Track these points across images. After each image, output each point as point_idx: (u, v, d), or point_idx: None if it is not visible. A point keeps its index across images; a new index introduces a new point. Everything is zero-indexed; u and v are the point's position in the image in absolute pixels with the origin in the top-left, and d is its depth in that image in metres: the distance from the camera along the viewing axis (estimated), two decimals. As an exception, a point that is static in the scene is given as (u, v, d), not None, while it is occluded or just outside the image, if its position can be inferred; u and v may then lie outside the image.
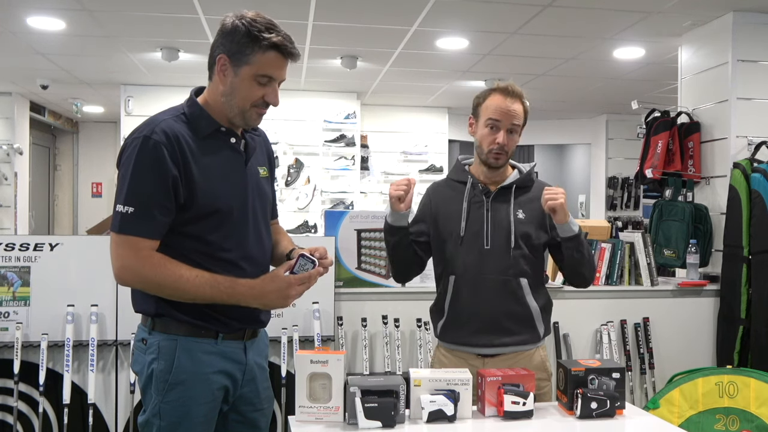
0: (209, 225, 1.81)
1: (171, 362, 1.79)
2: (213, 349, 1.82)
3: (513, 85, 2.29)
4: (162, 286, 1.76)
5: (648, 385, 3.81)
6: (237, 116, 1.84)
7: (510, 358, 2.26)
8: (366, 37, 4.94)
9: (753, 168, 3.81)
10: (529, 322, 2.28)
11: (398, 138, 7.82)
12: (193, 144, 1.79)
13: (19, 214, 7.60)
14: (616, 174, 8.35)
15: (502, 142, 2.25)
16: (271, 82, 1.82)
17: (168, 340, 1.80)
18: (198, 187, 1.77)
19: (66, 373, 3.20)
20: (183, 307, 1.79)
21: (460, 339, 2.30)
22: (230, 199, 1.84)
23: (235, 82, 1.80)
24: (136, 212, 1.72)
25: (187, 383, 1.79)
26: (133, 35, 5.02)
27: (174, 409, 1.79)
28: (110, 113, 8.50)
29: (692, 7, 4.05)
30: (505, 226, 2.27)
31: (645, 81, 6.16)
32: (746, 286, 3.77)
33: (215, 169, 1.82)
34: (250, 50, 1.77)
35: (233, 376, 1.87)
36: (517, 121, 2.27)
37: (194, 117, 1.83)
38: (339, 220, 3.59)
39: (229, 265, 1.82)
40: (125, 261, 1.74)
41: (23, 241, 3.22)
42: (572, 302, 3.74)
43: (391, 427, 1.82)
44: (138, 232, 1.73)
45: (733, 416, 3.24)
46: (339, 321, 3.49)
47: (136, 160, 1.73)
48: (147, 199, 1.73)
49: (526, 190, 2.34)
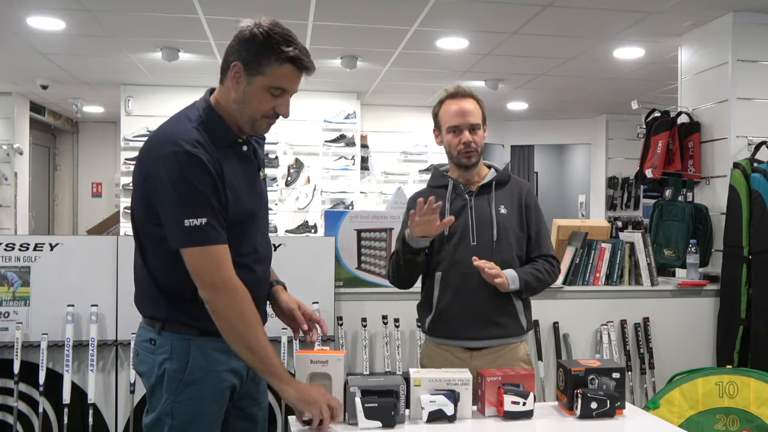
0: (234, 232, 1.80)
1: (185, 361, 1.79)
2: (224, 347, 1.80)
3: (460, 87, 2.40)
4: (238, 311, 1.75)
5: (648, 385, 3.81)
6: (246, 124, 1.83)
7: (496, 351, 2.34)
8: (366, 37, 4.94)
9: (753, 168, 3.80)
10: (514, 314, 2.36)
11: (398, 138, 7.81)
12: (217, 155, 1.77)
13: (19, 214, 7.60)
14: (616, 174, 8.34)
15: (467, 141, 2.34)
16: (284, 94, 1.81)
17: (181, 339, 1.80)
18: (229, 198, 1.77)
19: (66, 373, 3.20)
20: (194, 312, 1.78)
21: (448, 333, 2.37)
22: (253, 207, 1.87)
23: (247, 90, 1.78)
24: (208, 221, 1.71)
25: (201, 381, 1.79)
26: (133, 35, 5.02)
27: (187, 408, 1.79)
28: (110, 113, 8.50)
29: (692, 7, 4.05)
30: (489, 222, 2.35)
31: (645, 81, 6.16)
32: (746, 286, 3.77)
33: (238, 179, 1.82)
34: (266, 61, 1.75)
35: (240, 374, 1.88)
36: (473, 119, 2.36)
37: (213, 126, 1.81)
38: (339, 220, 3.59)
39: (244, 268, 1.82)
40: (215, 278, 1.73)
41: (23, 241, 3.22)
42: (572, 302, 3.74)
43: (391, 427, 1.83)
44: (217, 241, 1.73)
45: (733, 416, 3.24)
46: (339, 321, 3.49)
47: (185, 172, 1.70)
48: (213, 208, 1.73)
49: (503, 186, 2.43)
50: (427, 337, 2.46)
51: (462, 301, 2.33)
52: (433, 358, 2.39)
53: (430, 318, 2.40)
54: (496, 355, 2.33)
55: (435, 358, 2.39)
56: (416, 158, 7.78)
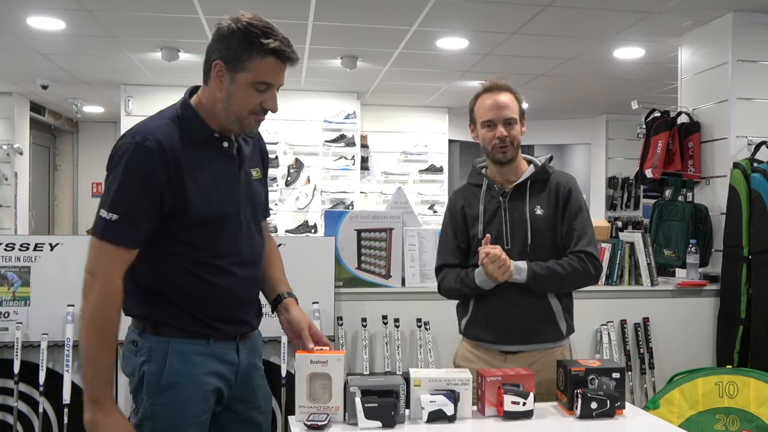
0: (203, 232, 1.78)
1: (163, 365, 1.77)
2: (205, 350, 1.80)
3: (496, 80, 2.31)
4: (96, 312, 1.70)
5: (648, 385, 3.81)
6: (234, 123, 1.79)
7: (532, 356, 2.26)
8: (366, 37, 4.94)
9: (753, 168, 3.81)
10: (551, 320, 2.28)
11: (398, 138, 7.81)
12: (187, 151, 1.75)
13: (19, 214, 7.60)
14: (616, 174, 8.35)
15: (501, 135, 2.25)
16: (270, 89, 1.76)
17: (159, 342, 1.78)
18: (191, 196, 1.74)
19: (66, 373, 3.20)
20: (175, 313, 1.78)
21: (483, 337, 2.32)
22: (224, 206, 1.81)
23: (231, 89, 1.74)
24: (120, 220, 1.69)
25: (180, 385, 1.77)
26: (133, 35, 5.02)
27: (167, 412, 1.77)
28: (110, 113, 8.50)
29: (692, 7, 4.05)
30: (523, 224, 2.27)
31: (645, 81, 6.16)
32: (746, 286, 3.77)
33: (209, 177, 1.78)
34: (247, 56, 1.71)
35: (226, 377, 1.85)
36: (509, 112, 2.26)
37: (189, 122, 1.79)
38: (339, 220, 3.59)
39: (221, 271, 1.81)
40: (97, 268, 1.70)
41: (23, 241, 3.22)
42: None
43: (391, 427, 1.82)
44: (119, 241, 1.70)
45: (733, 416, 3.24)
46: (339, 321, 3.49)
47: (126, 166, 1.70)
48: (134, 207, 1.70)
49: (542, 185, 2.31)
50: (463, 338, 2.43)
51: (496, 305, 2.26)
52: (468, 359, 2.35)
53: (466, 320, 2.36)
54: (531, 359, 2.25)
55: (470, 358, 2.34)
56: (416, 158, 7.78)
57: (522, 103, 2.33)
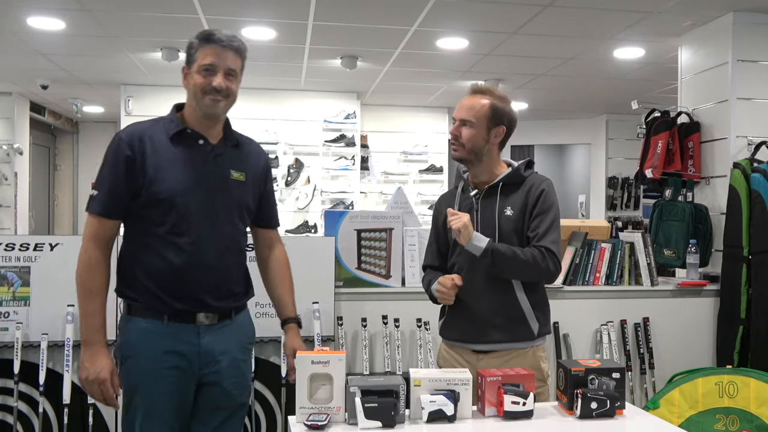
0: (157, 211, 2.07)
1: (123, 338, 2.12)
2: (160, 329, 2.06)
3: (480, 84, 2.39)
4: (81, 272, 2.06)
5: (648, 385, 3.81)
6: (198, 109, 2.11)
7: (503, 356, 2.30)
8: (366, 37, 4.94)
9: (753, 168, 3.81)
10: (521, 319, 2.30)
11: (398, 138, 7.81)
12: (158, 142, 2.08)
13: (19, 214, 7.60)
14: (616, 174, 8.35)
15: (454, 133, 2.33)
16: (215, 70, 2.07)
17: (124, 320, 2.12)
18: (148, 178, 2.05)
19: (66, 373, 3.20)
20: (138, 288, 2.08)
21: (455, 336, 2.40)
22: (177, 190, 2.07)
23: (190, 80, 2.11)
24: (97, 195, 2.09)
25: (134, 359, 2.08)
26: (133, 35, 5.02)
27: (126, 380, 2.08)
28: (110, 113, 8.50)
29: (692, 7, 4.06)
30: (492, 224, 2.31)
31: (645, 81, 6.16)
32: (746, 286, 3.77)
33: (169, 163, 2.08)
34: (194, 50, 2.11)
35: (186, 355, 2.07)
36: (464, 114, 2.31)
37: (166, 120, 2.15)
38: (339, 220, 3.59)
39: (178, 249, 2.07)
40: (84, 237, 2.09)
41: (23, 241, 3.22)
42: (572, 302, 3.74)
43: (391, 427, 1.83)
44: (96, 212, 2.08)
45: (733, 416, 3.25)
46: (339, 321, 3.49)
47: (106, 153, 2.10)
48: (107, 184, 2.08)
49: (515, 187, 2.33)
50: (442, 339, 2.49)
51: (465, 303, 2.33)
52: (446, 359, 2.42)
53: (443, 320, 2.45)
54: (503, 359, 2.28)
55: (448, 359, 2.41)
56: (416, 158, 7.77)
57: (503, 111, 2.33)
